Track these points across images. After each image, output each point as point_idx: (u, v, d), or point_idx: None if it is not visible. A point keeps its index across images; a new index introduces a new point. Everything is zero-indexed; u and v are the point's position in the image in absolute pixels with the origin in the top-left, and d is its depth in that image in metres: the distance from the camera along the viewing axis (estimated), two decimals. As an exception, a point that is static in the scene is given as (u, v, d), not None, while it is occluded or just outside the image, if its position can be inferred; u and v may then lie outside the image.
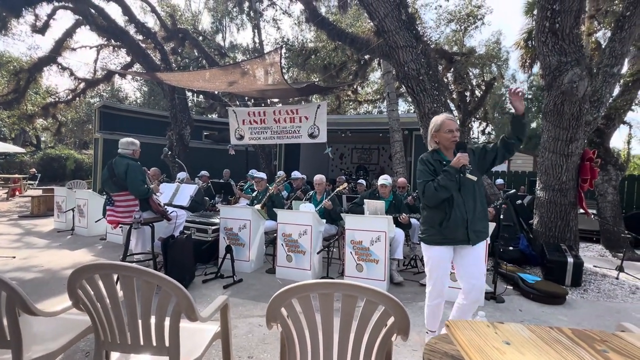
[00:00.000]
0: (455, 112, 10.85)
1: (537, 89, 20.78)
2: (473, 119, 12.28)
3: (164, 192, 4.39)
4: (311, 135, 6.29)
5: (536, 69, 7.83)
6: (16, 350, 1.52)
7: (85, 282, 1.45)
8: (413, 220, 4.24)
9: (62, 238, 5.43)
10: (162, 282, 1.42)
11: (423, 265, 4.21)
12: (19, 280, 3.53)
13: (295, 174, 6.11)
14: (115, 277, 1.45)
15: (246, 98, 11.34)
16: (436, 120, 2.32)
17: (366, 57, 10.92)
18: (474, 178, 2.18)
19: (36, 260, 4.16)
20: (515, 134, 2.18)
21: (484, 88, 12.01)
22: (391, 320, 1.29)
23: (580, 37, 3.94)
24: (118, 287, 1.46)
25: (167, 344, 1.47)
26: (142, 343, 1.48)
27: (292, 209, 4.54)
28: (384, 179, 4.22)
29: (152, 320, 1.47)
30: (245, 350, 2.38)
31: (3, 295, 1.49)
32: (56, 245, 4.95)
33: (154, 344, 1.47)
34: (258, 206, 4.58)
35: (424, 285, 3.70)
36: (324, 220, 4.11)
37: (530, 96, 21.27)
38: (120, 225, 3.61)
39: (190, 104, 13.99)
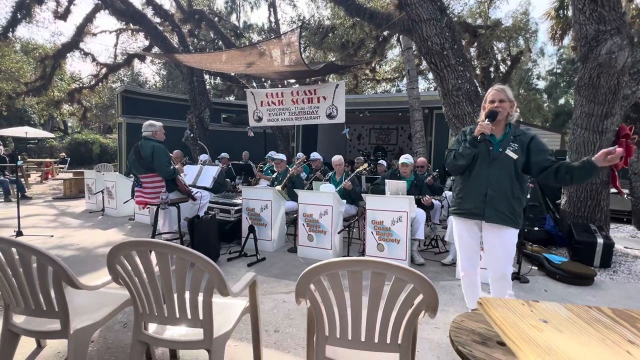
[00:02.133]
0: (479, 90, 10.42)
1: (567, 63, 19.54)
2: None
3: (188, 174, 4.49)
4: (329, 116, 6.22)
5: (567, 40, 7.33)
6: (64, 320, 1.63)
7: (123, 257, 1.51)
8: (435, 201, 4.19)
9: (94, 218, 5.70)
10: (195, 258, 1.46)
11: (444, 244, 4.25)
12: (59, 257, 3.75)
13: (314, 155, 6.09)
14: (151, 253, 1.51)
15: (263, 79, 11.26)
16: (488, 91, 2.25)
17: (385, 33, 10.53)
18: (514, 156, 2.09)
19: (72, 239, 4.40)
20: (574, 178, 1.94)
21: (509, 63, 11.41)
22: (419, 297, 1.29)
23: (621, 4, 3.64)
24: (154, 263, 1.52)
25: (200, 317, 1.54)
26: (177, 316, 1.55)
27: (312, 189, 4.57)
28: (406, 158, 4.18)
29: (187, 295, 1.54)
30: (272, 325, 2.47)
31: (50, 270, 1.59)
32: (89, 225, 5.20)
33: (189, 317, 1.54)
34: (279, 187, 4.62)
35: (446, 264, 3.69)
36: (344, 201, 4.12)
37: (559, 70, 20.09)
38: (147, 206, 3.74)
39: (207, 87, 14.06)
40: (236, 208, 4.43)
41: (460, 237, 2.27)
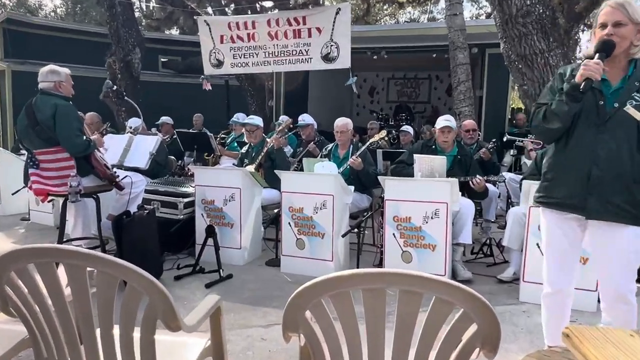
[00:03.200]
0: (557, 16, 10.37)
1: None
2: (582, 26, 11.73)
3: (110, 149, 4.44)
4: (327, 58, 6.16)
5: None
6: None
7: (14, 274, 1.49)
8: (490, 187, 4.21)
9: (-35, 219, 5.65)
10: (128, 274, 1.44)
11: (502, 252, 4.32)
12: None
13: (305, 118, 6.06)
14: (59, 267, 1.48)
15: (224, 1, 11.04)
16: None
17: None
18: (639, 115, 1.91)
19: None
20: None
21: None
22: (473, 328, 1.29)
23: None
24: (64, 282, 1.49)
25: (138, 363, 1.53)
26: (102, 362, 1.54)
27: (302, 170, 4.56)
28: (446, 120, 4.20)
29: (116, 331, 1.52)
30: (245, 374, 2.49)
31: None
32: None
33: (120, 363, 1.53)
34: (251, 167, 4.59)
35: (505, 281, 3.75)
36: (352, 188, 4.12)
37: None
38: (50, 198, 3.70)
39: (137, 14, 13.75)
40: (186, 200, 4.43)
41: (550, 236, 2.19)
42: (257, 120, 5.09)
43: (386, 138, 4.91)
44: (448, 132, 4.11)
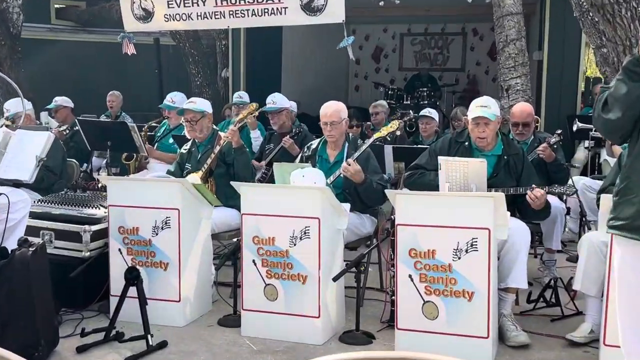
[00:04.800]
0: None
1: None
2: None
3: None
4: (309, 8, 6.20)
5: None
6: None
7: None
8: (554, 201, 4.24)
9: None
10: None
11: (572, 298, 4.33)
12: None
13: (276, 99, 6.08)
14: None
15: None
16: None
17: None
18: None
19: None
20: None
21: None
22: None
23: None
24: None
25: None
26: None
27: (272, 180, 4.55)
28: (482, 107, 4.18)
29: None
30: None
31: None
32: None
33: None
34: (195, 176, 4.58)
35: (578, 342, 3.76)
36: (347, 206, 4.14)
37: None
38: None
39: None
40: (95, 229, 4.40)
41: (620, 277, 2.33)
42: (202, 104, 5.06)
43: (398, 128, 4.90)
44: (485, 124, 4.09)
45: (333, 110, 4.57)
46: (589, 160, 7.00)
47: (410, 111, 8.32)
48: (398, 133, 5.14)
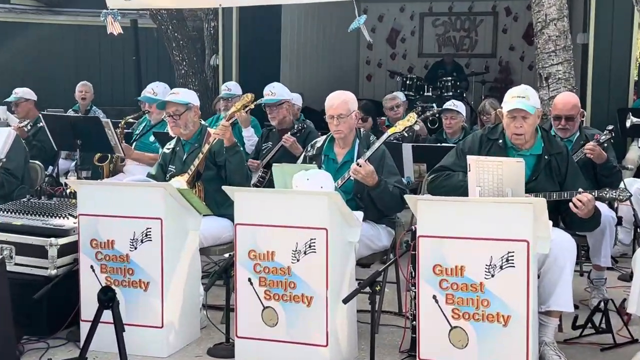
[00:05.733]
0: None
1: None
2: None
3: None
4: (313, -17, 6.19)
5: None
6: None
7: None
8: (603, 208, 4.22)
9: None
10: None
11: (625, 324, 4.31)
12: None
13: (276, 90, 6.09)
14: None
15: None
16: None
17: None
18: None
19: None
20: None
21: None
22: None
23: None
24: None
25: None
26: None
27: (271, 184, 4.54)
28: (519, 98, 4.17)
29: None
30: None
31: None
32: None
33: None
34: (181, 180, 4.58)
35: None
36: (359, 215, 4.13)
37: None
38: None
39: None
40: (62, 242, 4.39)
41: None
42: (187, 95, 5.08)
43: (418, 126, 4.89)
44: (523, 118, 4.07)
45: (341, 102, 4.57)
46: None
47: (433, 105, 8.30)
48: (417, 127, 5.13)
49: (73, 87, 8.31)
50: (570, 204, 3.86)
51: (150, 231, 4.13)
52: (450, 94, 10.21)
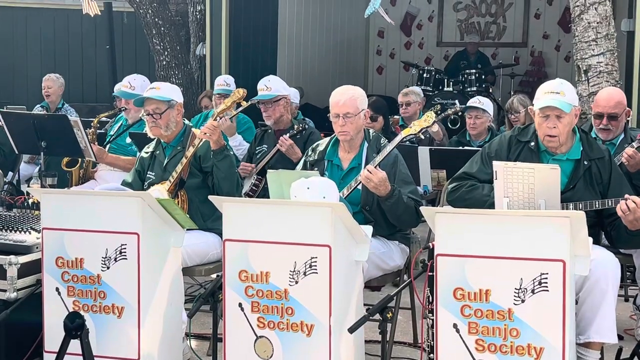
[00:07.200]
0: None
1: None
2: None
3: None
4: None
5: None
6: None
7: None
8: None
9: None
10: None
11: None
12: None
13: (272, 84, 6.10)
14: None
15: None
16: None
17: None
18: None
19: None
20: None
21: None
22: None
23: None
24: None
25: None
26: None
27: (264, 194, 4.54)
28: (552, 94, 4.17)
29: None
30: None
31: None
32: None
33: None
34: (161, 188, 4.58)
35: None
36: (368, 229, 4.12)
37: None
38: None
39: None
40: (24, 261, 4.40)
41: None
42: (168, 91, 5.10)
43: (436, 128, 4.87)
44: (558, 117, 4.07)
45: (347, 98, 4.56)
46: None
47: (455, 102, 8.30)
48: (435, 129, 5.12)
49: (38, 80, 8.32)
50: (617, 208, 3.82)
51: (125, 248, 4.11)
52: (474, 89, 10.24)
